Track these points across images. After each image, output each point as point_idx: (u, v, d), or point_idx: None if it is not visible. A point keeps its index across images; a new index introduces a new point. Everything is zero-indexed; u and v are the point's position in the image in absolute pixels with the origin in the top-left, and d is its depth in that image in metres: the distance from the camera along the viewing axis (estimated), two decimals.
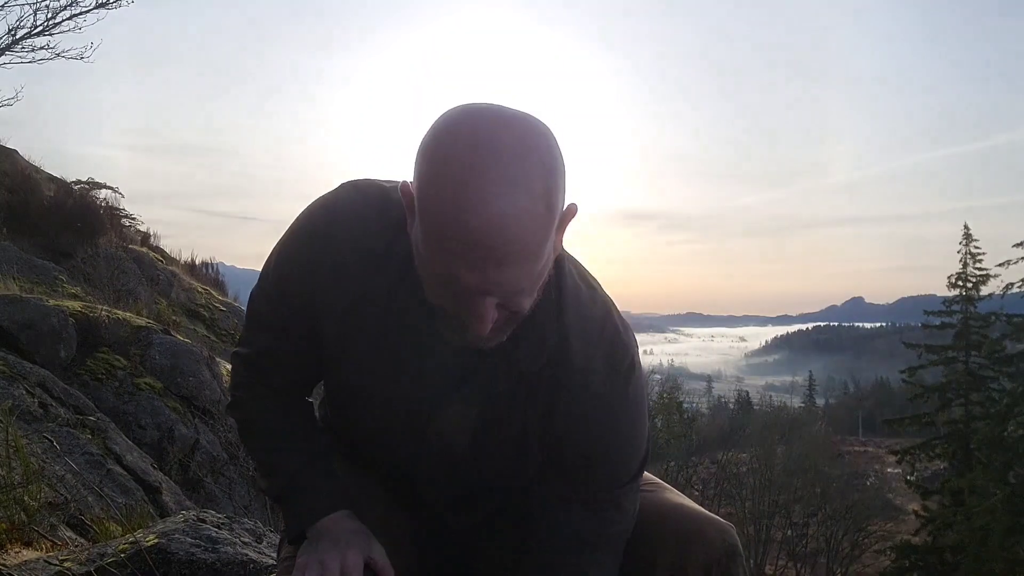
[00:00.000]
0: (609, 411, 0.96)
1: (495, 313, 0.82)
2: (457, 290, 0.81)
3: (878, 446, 40.98)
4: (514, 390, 0.97)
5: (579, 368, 0.95)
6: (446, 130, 0.78)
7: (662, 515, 1.03)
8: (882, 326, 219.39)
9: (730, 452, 28.95)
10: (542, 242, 0.79)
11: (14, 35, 6.76)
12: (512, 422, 0.99)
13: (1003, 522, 14.48)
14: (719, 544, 0.99)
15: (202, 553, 1.77)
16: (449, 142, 0.77)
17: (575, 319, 0.95)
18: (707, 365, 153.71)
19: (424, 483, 1.10)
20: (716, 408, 54.38)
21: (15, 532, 2.17)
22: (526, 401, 0.97)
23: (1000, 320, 18.48)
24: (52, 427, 3.63)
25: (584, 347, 0.96)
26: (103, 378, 4.98)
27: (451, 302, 0.83)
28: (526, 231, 0.76)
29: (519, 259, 0.77)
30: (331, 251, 0.96)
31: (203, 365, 5.74)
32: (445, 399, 0.98)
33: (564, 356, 0.95)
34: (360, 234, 0.96)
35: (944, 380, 19.70)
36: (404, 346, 0.97)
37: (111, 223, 8.84)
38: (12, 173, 8.50)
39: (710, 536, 0.99)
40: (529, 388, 0.96)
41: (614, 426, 0.97)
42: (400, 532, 1.11)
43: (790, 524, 26.74)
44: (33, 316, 4.76)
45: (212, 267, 10.97)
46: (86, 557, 1.82)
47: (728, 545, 0.99)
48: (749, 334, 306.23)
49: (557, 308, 0.94)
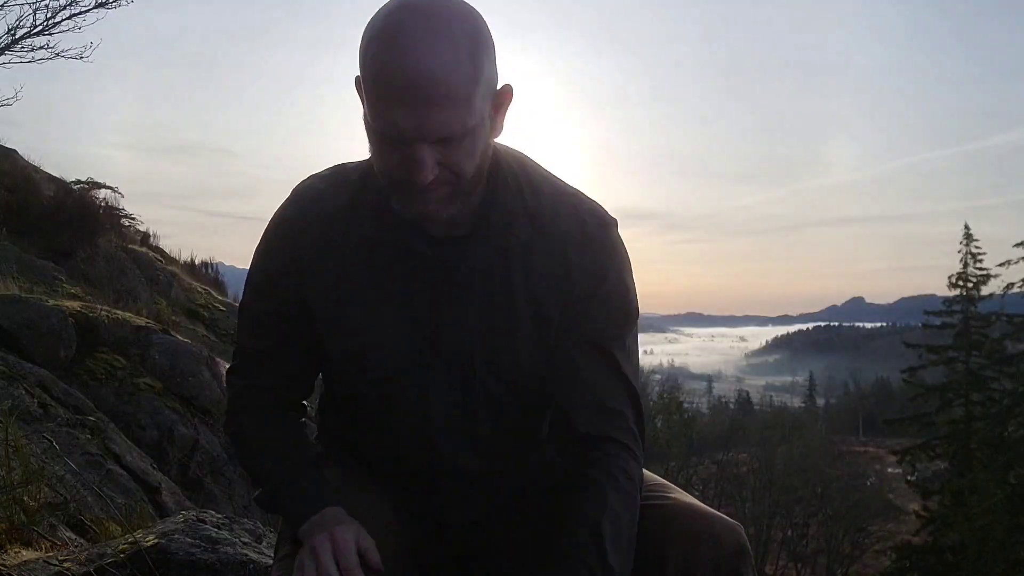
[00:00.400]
0: (602, 250, 1.04)
1: (433, 163, 0.89)
2: (398, 142, 0.89)
3: (878, 446, 40.99)
4: (508, 292, 1.01)
5: (562, 232, 1.02)
6: (384, 7, 0.90)
7: (671, 514, 1.03)
8: (882, 326, 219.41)
9: (730, 452, 28.99)
10: (469, 94, 0.87)
11: (14, 35, 6.76)
12: (516, 322, 1.02)
13: (1004, 522, 14.49)
14: (729, 543, 0.98)
15: (202, 553, 1.77)
16: (384, 12, 0.88)
17: (548, 201, 1.03)
18: (707, 365, 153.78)
19: (434, 451, 1.09)
20: (716, 408, 54.34)
21: (15, 532, 2.16)
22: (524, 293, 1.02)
23: (1001, 320, 18.52)
24: (52, 427, 3.63)
25: (562, 218, 1.03)
26: (103, 378, 4.98)
27: (396, 162, 0.91)
28: (450, 76, 0.85)
29: (445, 102, 0.85)
30: (304, 228, 1.04)
31: (203, 365, 5.74)
32: (445, 328, 1.03)
33: (542, 231, 1.02)
34: (324, 202, 1.04)
35: (945, 380, 19.72)
36: (394, 292, 1.03)
37: (111, 223, 8.85)
38: (12, 173, 8.51)
39: (719, 535, 0.99)
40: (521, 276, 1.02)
41: (609, 262, 1.04)
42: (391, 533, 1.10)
43: (791, 524, 26.76)
44: (33, 316, 4.76)
45: (212, 267, 11.00)
46: (86, 557, 1.82)
47: (738, 544, 0.99)
48: (749, 334, 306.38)
49: (524, 195, 1.02)
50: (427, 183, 0.90)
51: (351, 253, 1.03)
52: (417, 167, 0.89)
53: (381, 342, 1.04)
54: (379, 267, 1.02)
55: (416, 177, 0.90)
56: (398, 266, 1.02)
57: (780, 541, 26.85)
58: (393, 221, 1.00)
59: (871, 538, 26.39)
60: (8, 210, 7.43)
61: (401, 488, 1.17)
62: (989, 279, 19.36)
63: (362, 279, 1.03)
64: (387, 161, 0.93)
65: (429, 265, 1.01)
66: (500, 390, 1.06)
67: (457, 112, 0.87)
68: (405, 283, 1.02)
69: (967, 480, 16.75)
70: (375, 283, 1.03)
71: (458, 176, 0.92)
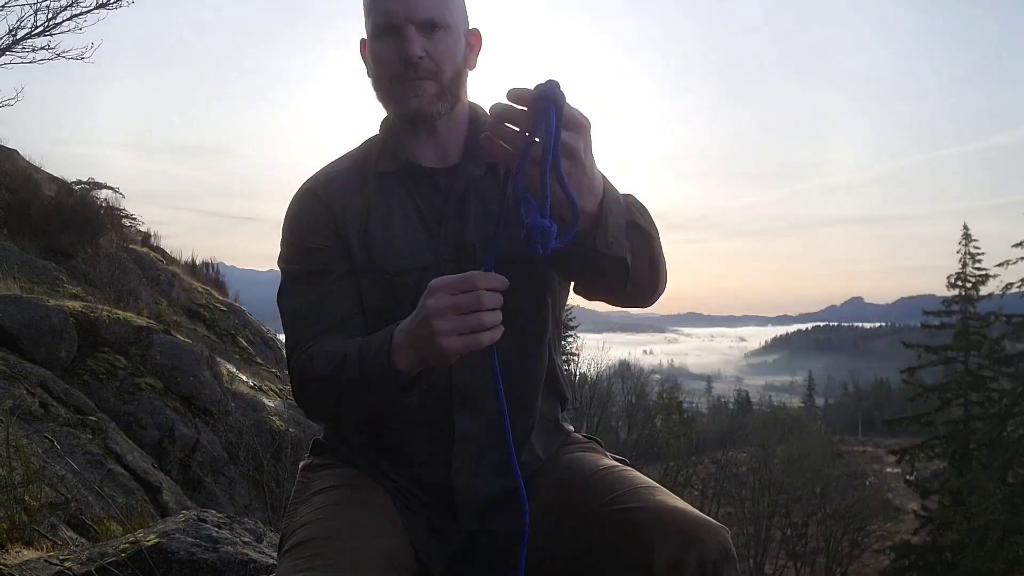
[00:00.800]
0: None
1: (420, 44, 1.12)
2: (391, 31, 1.13)
3: (878, 446, 40.94)
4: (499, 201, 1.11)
5: None
6: None
7: (658, 516, 1.04)
8: (882, 326, 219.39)
9: (730, 452, 28.91)
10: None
11: (14, 35, 6.77)
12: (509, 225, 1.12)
13: (1002, 522, 14.49)
14: (714, 546, 0.99)
15: (202, 553, 1.78)
16: None
17: None
18: (707, 365, 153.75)
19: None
20: (716, 408, 54.30)
21: (16, 532, 2.17)
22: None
23: (999, 320, 18.48)
24: (53, 427, 3.64)
25: None
26: (104, 378, 4.99)
27: (392, 55, 1.13)
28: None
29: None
30: (324, 185, 1.24)
31: (203, 365, 5.75)
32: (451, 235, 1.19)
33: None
34: (333, 171, 1.26)
35: (944, 380, 19.71)
36: (408, 214, 1.21)
37: (111, 223, 8.85)
38: (12, 173, 8.51)
39: (705, 538, 1.00)
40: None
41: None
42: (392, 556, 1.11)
43: (790, 524, 26.72)
44: (33, 316, 4.77)
45: (212, 267, 10.97)
46: (86, 557, 1.83)
47: (723, 548, 1.00)
48: (749, 334, 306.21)
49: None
50: (416, 56, 1.12)
51: (368, 194, 1.22)
52: (408, 45, 1.11)
53: (403, 251, 1.20)
54: (393, 199, 1.22)
55: (409, 52, 1.11)
56: (407, 196, 1.22)
57: (779, 540, 26.82)
58: (396, 165, 1.22)
59: (870, 538, 26.36)
60: (9, 210, 7.43)
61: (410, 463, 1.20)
62: (988, 279, 19.36)
63: (381, 209, 1.22)
64: (384, 59, 1.15)
65: (432, 190, 1.22)
66: (511, 301, 1.11)
67: (439, 3, 1.14)
68: (416, 207, 1.21)
69: (966, 480, 16.74)
70: (392, 210, 1.21)
71: (440, 69, 1.15)
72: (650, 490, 1.11)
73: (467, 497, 1.21)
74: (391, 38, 1.14)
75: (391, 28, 1.13)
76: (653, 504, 1.06)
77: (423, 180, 1.22)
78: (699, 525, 1.01)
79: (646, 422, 24.71)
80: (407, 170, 1.22)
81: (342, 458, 1.29)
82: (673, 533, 1.00)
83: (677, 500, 1.08)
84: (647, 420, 24.84)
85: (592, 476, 1.17)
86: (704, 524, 1.02)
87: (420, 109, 1.16)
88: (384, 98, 1.21)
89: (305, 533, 1.09)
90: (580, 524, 1.10)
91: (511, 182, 0.92)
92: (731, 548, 1.01)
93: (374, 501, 1.18)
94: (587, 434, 1.39)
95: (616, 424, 25.47)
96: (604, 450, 1.34)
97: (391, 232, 1.20)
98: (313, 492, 1.21)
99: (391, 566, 1.08)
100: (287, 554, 1.08)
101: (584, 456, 1.26)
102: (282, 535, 1.19)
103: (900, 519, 27.22)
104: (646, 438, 24.14)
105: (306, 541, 1.07)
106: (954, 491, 17.63)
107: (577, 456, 1.26)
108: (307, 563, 1.02)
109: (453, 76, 1.17)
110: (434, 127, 1.21)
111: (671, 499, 1.08)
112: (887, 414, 34.99)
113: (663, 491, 1.11)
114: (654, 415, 25.84)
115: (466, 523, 1.22)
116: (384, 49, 1.15)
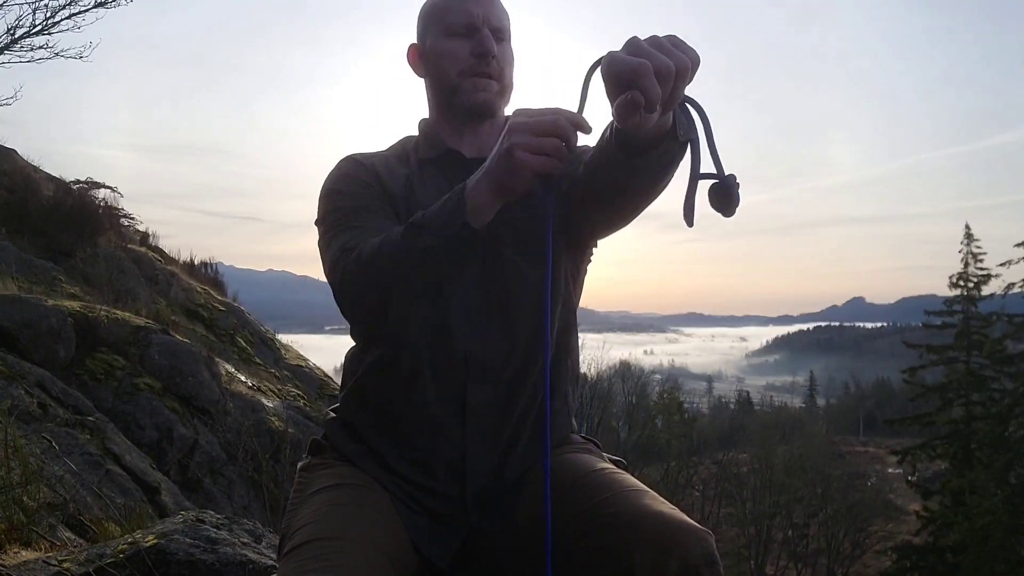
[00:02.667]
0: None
1: (493, 43, 1.23)
2: (470, 30, 1.23)
3: (879, 446, 40.99)
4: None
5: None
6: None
7: (639, 521, 1.02)
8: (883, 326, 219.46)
9: (731, 452, 28.98)
10: (506, 9, 1.29)
11: (13, 34, 6.78)
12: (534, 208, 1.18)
13: (1004, 522, 14.50)
14: (696, 552, 0.97)
15: (201, 554, 1.77)
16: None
17: None
18: (708, 365, 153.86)
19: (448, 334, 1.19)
20: (717, 408, 54.40)
21: (14, 532, 2.16)
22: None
23: (1001, 320, 18.51)
24: (51, 427, 3.63)
25: None
26: (102, 378, 4.98)
27: (468, 51, 1.23)
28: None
29: (497, 2, 1.27)
30: (367, 157, 1.31)
31: (202, 365, 5.74)
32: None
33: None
34: (374, 154, 1.33)
35: (945, 380, 19.71)
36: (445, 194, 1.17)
37: (110, 223, 8.85)
38: (11, 173, 8.51)
39: (687, 544, 0.97)
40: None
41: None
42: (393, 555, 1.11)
43: (791, 524, 26.76)
44: (32, 316, 4.75)
45: (211, 267, 10.96)
46: (85, 557, 1.82)
47: (705, 553, 0.98)
48: (750, 334, 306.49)
49: None
50: (494, 52, 1.23)
51: (410, 170, 1.29)
52: (487, 42, 1.23)
53: None
54: (431, 181, 1.28)
55: (488, 48, 1.22)
56: (444, 179, 1.27)
57: (780, 541, 26.85)
58: (437, 151, 1.29)
59: (871, 538, 26.38)
60: (7, 210, 7.42)
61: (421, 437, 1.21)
62: (990, 279, 19.38)
63: (418, 189, 1.27)
64: (458, 55, 1.24)
65: (464, 174, 1.18)
66: (525, 268, 1.22)
67: (505, 18, 1.28)
68: (449, 185, 1.20)
69: (967, 480, 16.76)
70: (430, 191, 1.25)
71: (503, 72, 1.26)
72: (637, 494, 1.09)
73: (479, 468, 1.21)
74: (466, 38, 1.24)
75: (470, 28, 1.23)
76: (635, 508, 1.04)
77: (461, 166, 1.26)
78: (681, 530, 0.99)
79: (647, 422, 24.75)
80: (447, 156, 1.28)
81: (341, 456, 1.28)
82: (654, 538, 0.99)
83: (662, 504, 1.06)
84: (648, 420, 24.88)
85: (583, 478, 1.15)
86: (686, 529, 0.99)
87: (487, 102, 1.25)
88: (448, 92, 1.27)
89: (306, 534, 1.08)
90: (566, 527, 1.09)
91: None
92: (714, 553, 0.99)
93: (374, 500, 1.18)
94: (585, 435, 1.38)
95: (617, 424, 25.48)
96: (601, 451, 1.33)
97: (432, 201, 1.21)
98: (312, 492, 1.21)
99: (392, 565, 1.08)
100: (288, 555, 1.08)
101: (579, 457, 1.24)
102: (282, 536, 1.18)
103: (901, 519, 27.25)
104: (647, 438, 24.17)
105: (307, 542, 1.06)
106: (956, 491, 17.63)
107: (571, 457, 1.25)
108: (308, 564, 1.01)
109: (509, 81, 1.29)
110: (478, 127, 1.29)
111: (656, 503, 1.06)
112: (888, 414, 35.00)
113: (650, 495, 1.09)
114: (655, 415, 25.90)
115: (472, 505, 1.21)
116: (458, 46, 1.24)
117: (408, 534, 1.18)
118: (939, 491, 19.43)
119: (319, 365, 9.36)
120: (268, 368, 7.98)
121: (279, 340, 9.51)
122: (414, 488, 1.22)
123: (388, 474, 1.23)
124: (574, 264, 1.31)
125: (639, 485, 1.13)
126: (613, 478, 1.15)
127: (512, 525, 1.19)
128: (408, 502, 1.21)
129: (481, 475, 1.21)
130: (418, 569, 1.18)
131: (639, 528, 1.01)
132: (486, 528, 1.21)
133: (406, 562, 1.14)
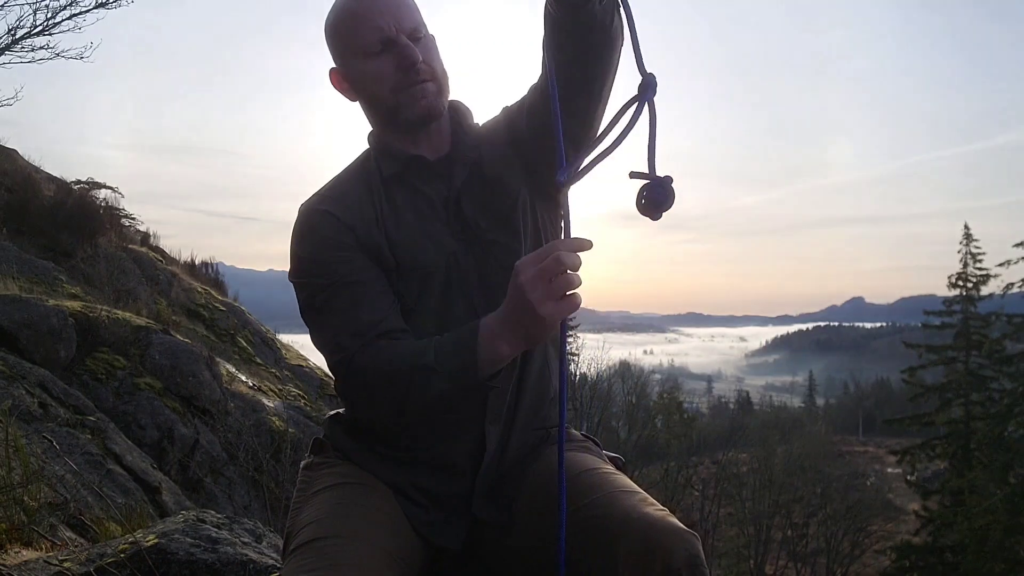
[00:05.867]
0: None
1: (415, 51, 1.18)
2: (387, 45, 1.18)
3: (878, 446, 40.98)
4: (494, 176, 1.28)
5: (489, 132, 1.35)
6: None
7: (626, 523, 1.02)
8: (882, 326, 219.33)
9: (730, 452, 28.91)
10: (415, 7, 1.23)
11: (14, 35, 6.78)
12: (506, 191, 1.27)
13: (1003, 522, 14.49)
14: (681, 555, 0.97)
15: (202, 553, 1.77)
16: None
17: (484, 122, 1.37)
18: (707, 365, 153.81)
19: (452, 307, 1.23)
20: (716, 408, 54.32)
21: (15, 532, 2.17)
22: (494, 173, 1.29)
23: (1000, 320, 18.49)
24: (52, 427, 3.63)
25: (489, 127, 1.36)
26: (103, 378, 4.98)
27: (393, 66, 1.19)
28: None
29: (404, 4, 1.20)
30: (336, 206, 1.24)
31: (203, 365, 5.74)
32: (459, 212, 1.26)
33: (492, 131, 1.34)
34: (335, 186, 1.29)
35: (944, 380, 19.69)
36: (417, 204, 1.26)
37: (111, 223, 8.84)
38: (12, 173, 8.50)
39: (670, 546, 0.98)
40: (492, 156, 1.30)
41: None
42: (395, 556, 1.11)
43: (790, 524, 26.72)
44: (33, 316, 4.76)
45: (212, 267, 10.95)
46: (86, 557, 1.83)
47: (689, 556, 0.98)
48: (749, 334, 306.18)
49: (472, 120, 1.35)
50: (419, 60, 1.18)
51: (378, 200, 1.26)
52: (409, 51, 1.18)
53: (427, 246, 1.24)
54: (402, 198, 1.26)
55: (411, 59, 1.18)
56: (415, 191, 1.26)
57: (780, 541, 26.82)
58: (400, 163, 1.26)
59: (871, 538, 26.35)
60: (8, 210, 7.42)
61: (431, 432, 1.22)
62: (989, 279, 19.37)
63: (394, 211, 1.26)
64: (385, 73, 1.20)
65: (432, 179, 1.28)
66: (513, 243, 1.25)
67: (415, 13, 1.21)
68: (426, 199, 1.27)
69: (967, 480, 16.75)
70: (404, 209, 1.26)
71: (433, 70, 1.22)
72: (626, 495, 1.09)
73: (493, 447, 1.23)
74: (386, 54, 1.19)
75: (386, 42, 1.18)
76: (623, 510, 1.05)
77: (427, 172, 1.27)
78: (665, 532, 0.99)
79: (646, 422, 24.70)
80: (411, 165, 1.26)
81: (343, 455, 1.28)
82: (638, 540, 0.99)
83: (650, 506, 1.06)
84: (647, 420, 24.83)
85: (575, 478, 1.15)
86: (670, 531, 0.99)
87: (431, 108, 1.22)
88: (388, 111, 1.23)
89: (309, 533, 1.09)
90: (556, 526, 1.09)
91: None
92: (699, 555, 0.99)
93: (376, 498, 1.19)
94: (585, 433, 1.38)
95: (616, 424, 25.45)
96: (600, 450, 1.34)
97: (410, 230, 1.24)
98: (315, 491, 1.21)
99: (396, 562, 1.09)
100: (292, 554, 1.09)
101: (575, 456, 1.25)
102: (286, 535, 1.19)
103: (901, 519, 27.25)
104: (646, 438, 24.12)
105: (310, 541, 1.07)
106: (955, 491, 17.63)
107: (568, 456, 1.26)
108: (312, 563, 1.02)
109: (442, 71, 1.25)
110: (429, 129, 1.26)
111: (644, 505, 1.06)
112: (888, 414, 34.96)
113: (640, 496, 1.10)
114: (654, 415, 25.85)
115: (480, 490, 1.23)
116: (382, 65, 1.19)
117: (414, 529, 1.19)
118: (938, 491, 19.43)
119: (319, 365, 9.35)
120: (269, 368, 7.98)
121: (280, 340, 9.50)
122: (422, 479, 1.23)
123: (391, 470, 1.23)
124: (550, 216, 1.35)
125: (631, 486, 1.14)
126: (604, 479, 1.15)
127: (512, 519, 1.20)
128: (413, 496, 1.22)
129: (493, 453, 1.24)
130: (423, 565, 1.19)
131: (625, 530, 1.01)
132: (488, 519, 1.22)
133: (410, 559, 1.15)
